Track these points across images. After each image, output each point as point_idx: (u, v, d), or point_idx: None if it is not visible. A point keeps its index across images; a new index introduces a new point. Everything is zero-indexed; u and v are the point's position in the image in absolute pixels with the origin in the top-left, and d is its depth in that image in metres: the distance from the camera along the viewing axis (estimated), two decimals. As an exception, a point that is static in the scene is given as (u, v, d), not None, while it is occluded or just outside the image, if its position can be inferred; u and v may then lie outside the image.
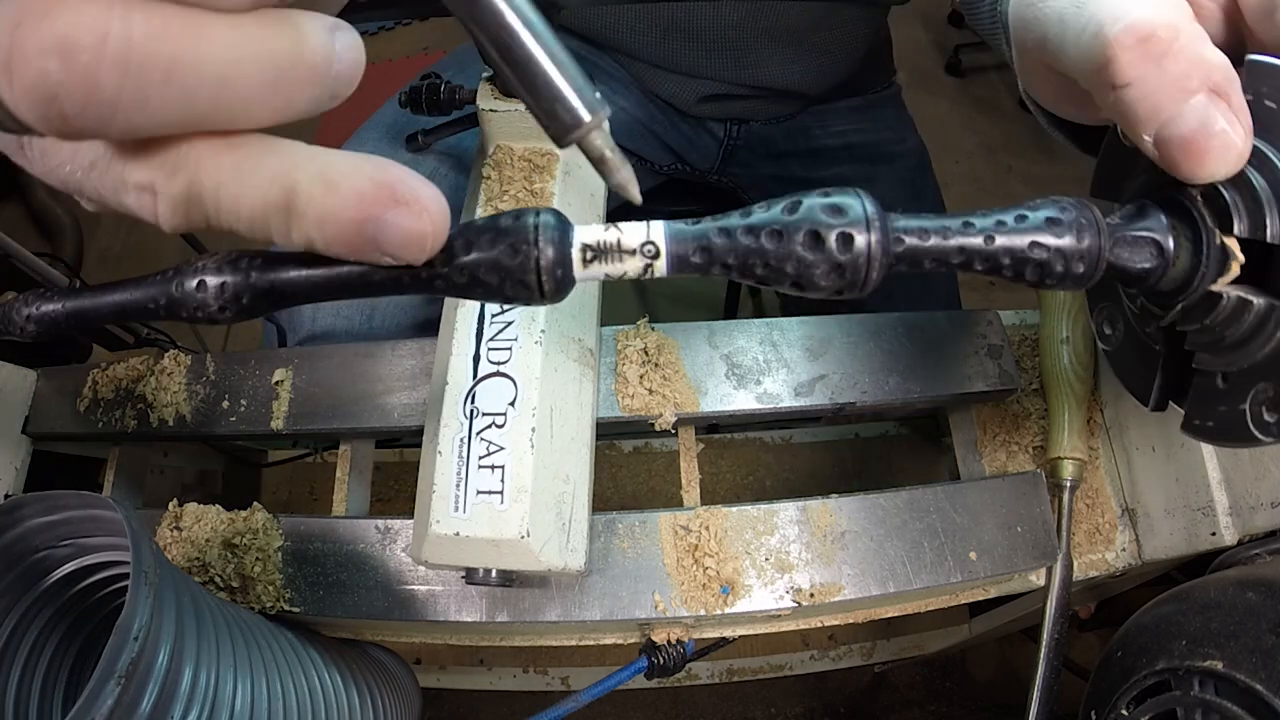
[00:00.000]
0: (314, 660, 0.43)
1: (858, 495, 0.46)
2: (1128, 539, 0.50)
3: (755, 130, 0.78)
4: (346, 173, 0.18)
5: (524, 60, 0.19)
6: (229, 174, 0.18)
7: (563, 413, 0.40)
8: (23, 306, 0.21)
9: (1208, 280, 0.23)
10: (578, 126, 0.19)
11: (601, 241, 0.21)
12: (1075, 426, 0.49)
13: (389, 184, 0.18)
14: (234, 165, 0.18)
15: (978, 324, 0.51)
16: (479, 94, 0.46)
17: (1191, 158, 0.22)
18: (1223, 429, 0.25)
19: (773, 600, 0.43)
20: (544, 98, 0.19)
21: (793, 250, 0.21)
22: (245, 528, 0.46)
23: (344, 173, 0.18)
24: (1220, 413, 0.25)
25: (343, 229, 0.18)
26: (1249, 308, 0.23)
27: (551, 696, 0.89)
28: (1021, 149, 1.88)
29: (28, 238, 1.73)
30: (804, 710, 1.03)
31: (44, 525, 0.35)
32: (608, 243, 0.21)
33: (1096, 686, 0.39)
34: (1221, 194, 0.23)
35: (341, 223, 0.18)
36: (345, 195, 0.18)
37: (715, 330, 0.50)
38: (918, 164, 0.81)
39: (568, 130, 0.19)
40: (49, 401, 0.54)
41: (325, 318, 0.63)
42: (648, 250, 0.21)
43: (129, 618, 0.27)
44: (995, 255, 0.22)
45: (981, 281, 1.48)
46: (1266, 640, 0.31)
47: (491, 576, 0.38)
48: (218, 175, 0.18)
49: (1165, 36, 0.21)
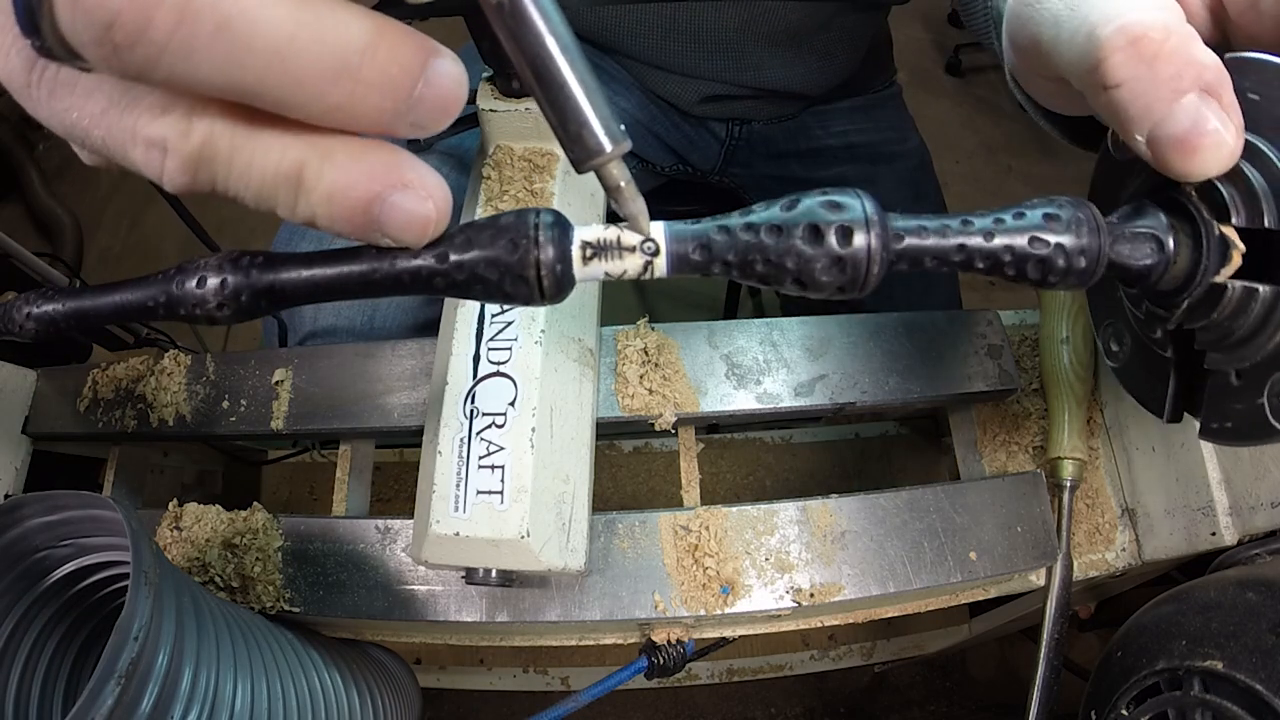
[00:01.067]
0: (314, 660, 0.43)
1: (858, 495, 0.46)
2: (1128, 539, 0.50)
3: (756, 130, 0.79)
4: (358, 151, 0.18)
5: (558, 84, 0.19)
6: (244, 140, 0.18)
7: (563, 413, 0.40)
8: (23, 306, 0.22)
9: (1210, 273, 0.23)
10: (600, 154, 0.20)
11: (601, 240, 0.21)
12: (1075, 426, 0.49)
13: (397, 165, 0.19)
14: (250, 133, 0.18)
15: (978, 324, 0.51)
16: (479, 94, 0.46)
17: (1184, 156, 0.22)
18: (1242, 427, 0.25)
19: (773, 600, 0.43)
20: (571, 122, 0.20)
21: (793, 247, 0.21)
22: (245, 528, 0.46)
23: (355, 151, 0.18)
24: (1237, 411, 0.25)
25: (350, 206, 0.18)
26: (1255, 296, 0.23)
27: (551, 696, 0.89)
28: (1021, 149, 1.88)
29: (28, 238, 1.73)
30: (804, 710, 1.03)
31: (44, 525, 0.35)
32: (608, 241, 0.21)
33: (1096, 686, 0.39)
34: (1218, 189, 0.23)
35: (349, 200, 0.18)
36: (355, 172, 0.18)
37: (715, 330, 0.50)
38: (919, 164, 0.81)
39: (590, 156, 0.20)
40: (49, 401, 0.54)
41: (326, 316, 0.63)
42: (647, 248, 0.21)
43: (129, 618, 0.27)
44: (996, 253, 0.22)
45: (981, 281, 1.48)
46: (1266, 640, 0.31)
47: (491, 576, 0.38)
48: (233, 140, 0.18)
49: (1157, 38, 0.22)
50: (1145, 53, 0.22)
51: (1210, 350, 0.26)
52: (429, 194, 0.19)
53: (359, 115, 0.18)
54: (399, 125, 0.18)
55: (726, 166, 0.81)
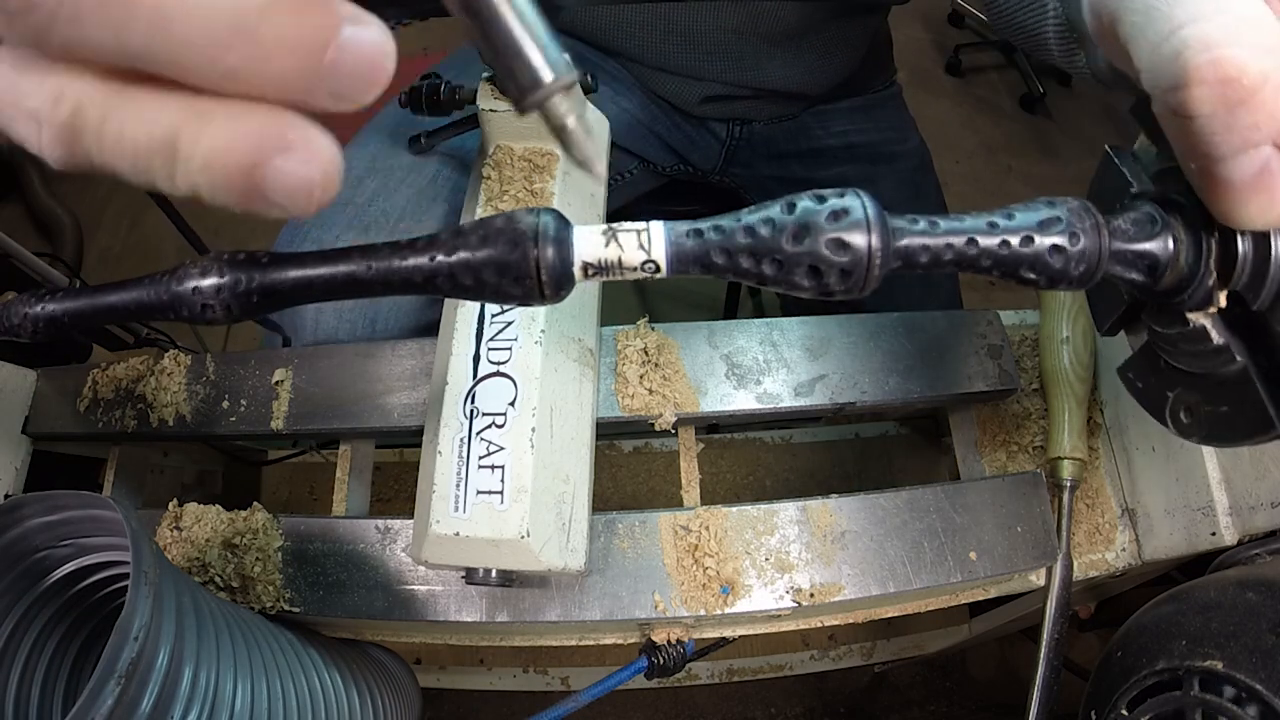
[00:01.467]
0: (314, 660, 0.43)
1: (858, 495, 0.46)
2: (1128, 539, 0.50)
3: (757, 131, 0.79)
4: (237, 112, 0.17)
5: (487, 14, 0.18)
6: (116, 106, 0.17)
7: (563, 413, 0.40)
8: (23, 306, 0.21)
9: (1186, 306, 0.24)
10: (537, 87, 0.18)
11: (601, 243, 0.21)
12: (1075, 426, 0.49)
13: (280, 126, 0.17)
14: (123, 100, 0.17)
15: (978, 324, 0.51)
16: (479, 94, 0.46)
17: (1232, 203, 0.21)
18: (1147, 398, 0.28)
19: (773, 600, 0.43)
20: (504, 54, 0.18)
21: (792, 250, 0.21)
22: (245, 528, 0.46)
23: (234, 112, 0.17)
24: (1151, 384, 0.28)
25: (229, 174, 0.17)
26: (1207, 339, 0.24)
27: (551, 696, 0.89)
28: (1021, 149, 1.88)
29: (28, 238, 1.73)
30: (804, 710, 1.03)
31: (44, 525, 0.35)
32: (608, 262, 0.21)
33: (1096, 686, 0.39)
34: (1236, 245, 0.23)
35: (228, 167, 0.17)
36: (230, 136, 0.17)
37: (715, 330, 0.50)
38: (919, 164, 0.81)
39: (526, 91, 0.18)
40: (49, 401, 0.54)
41: (328, 322, 0.63)
42: (647, 250, 0.21)
43: (129, 618, 0.27)
44: (995, 255, 0.22)
45: (981, 281, 1.48)
46: (1266, 640, 0.31)
47: (491, 576, 0.38)
48: (105, 107, 0.17)
49: (1249, 86, 0.20)
50: (1232, 96, 0.20)
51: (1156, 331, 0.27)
52: (312, 156, 0.17)
53: (264, 81, 0.16)
54: (317, 95, 0.17)
55: (727, 166, 0.81)
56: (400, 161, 0.66)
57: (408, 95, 0.55)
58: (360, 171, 0.66)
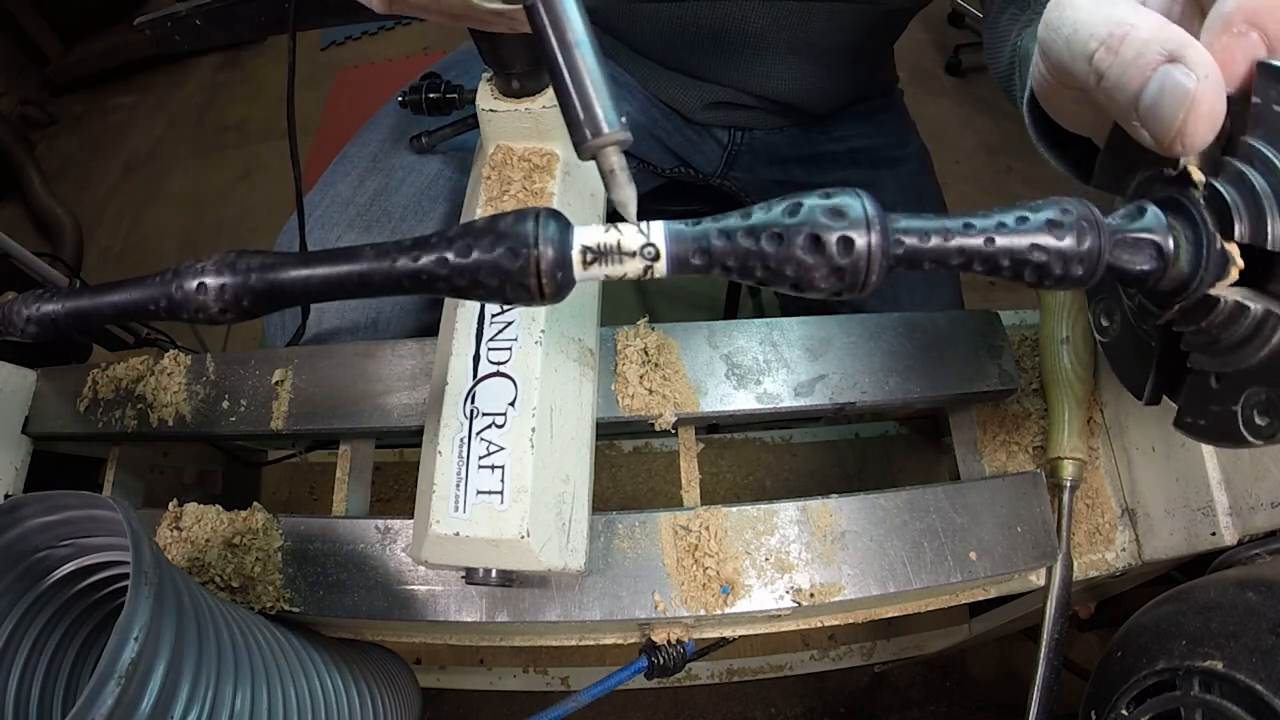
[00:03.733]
0: (314, 660, 0.43)
1: (858, 495, 0.46)
2: (1128, 539, 0.50)
3: (759, 136, 0.78)
4: None
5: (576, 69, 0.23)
6: None
7: (563, 413, 0.40)
8: (23, 306, 0.22)
9: (1206, 284, 0.23)
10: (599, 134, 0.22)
11: (601, 243, 0.21)
12: (1075, 426, 0.49)
13: None
14: None
15: (978, 324, 0.51)
16: (479, 94, 0.46)
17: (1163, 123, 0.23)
18: (1214, 428, 0.26)
19: (773, 600, 0.43)
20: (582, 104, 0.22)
21: (793, 253, 0.21)
22: (245, 528, 0.46)
23: None
24: (1213, 412, 0.26)
25: None
26: (1246, 313, 0.23)
27: (551, 696, 0.89)
28: (1021, 149, 1.87)
29: (28, 238, 1.73)
30: (804, 710, 1.03)
31: (44, 525, 0.35)
32: (607, 244, 0.21)
33: (1096, 686, 0.39)
34: (1222, 194, 0.23)
35: None
36: None
37: (715, 330, 0.50)
38: (920, 168, 0.81)
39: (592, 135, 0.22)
40: (49, 401, 0.54)
41: (330, 319, 0.63)
42: (647, 252, 0.21)
43: (129, 618, 0.27)
44: (995, 257, 0.22)
45: (981, 281, 1.48)
46: (1266, 640, 0.31)
47: (491, 576, 0.38)
48: None
49: (1119, 32, 0.24)
50: (1114, 45, 0.24)
51: (1196, 351, 0.26)
52: None
53: None
54: None
55: (728, 170, 0.81)
56: (401, 161, 0.66)
57: (408, 95, 0.55)
58: (361, 171, 0.66)
